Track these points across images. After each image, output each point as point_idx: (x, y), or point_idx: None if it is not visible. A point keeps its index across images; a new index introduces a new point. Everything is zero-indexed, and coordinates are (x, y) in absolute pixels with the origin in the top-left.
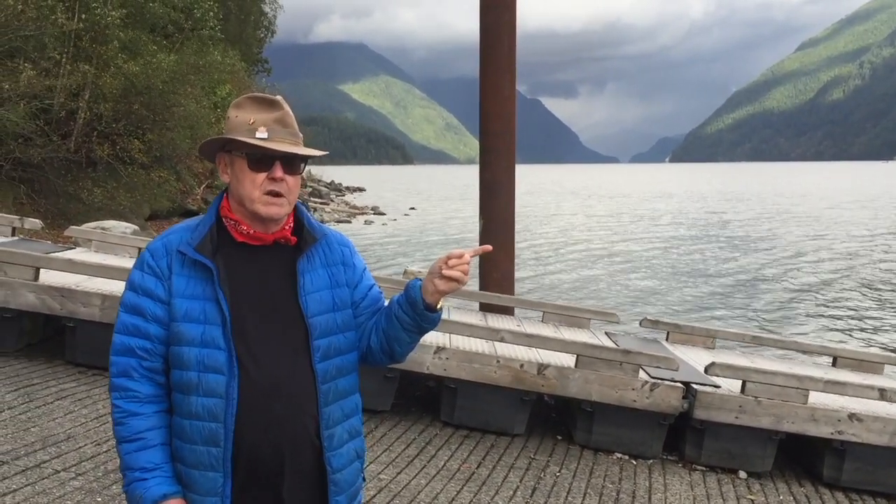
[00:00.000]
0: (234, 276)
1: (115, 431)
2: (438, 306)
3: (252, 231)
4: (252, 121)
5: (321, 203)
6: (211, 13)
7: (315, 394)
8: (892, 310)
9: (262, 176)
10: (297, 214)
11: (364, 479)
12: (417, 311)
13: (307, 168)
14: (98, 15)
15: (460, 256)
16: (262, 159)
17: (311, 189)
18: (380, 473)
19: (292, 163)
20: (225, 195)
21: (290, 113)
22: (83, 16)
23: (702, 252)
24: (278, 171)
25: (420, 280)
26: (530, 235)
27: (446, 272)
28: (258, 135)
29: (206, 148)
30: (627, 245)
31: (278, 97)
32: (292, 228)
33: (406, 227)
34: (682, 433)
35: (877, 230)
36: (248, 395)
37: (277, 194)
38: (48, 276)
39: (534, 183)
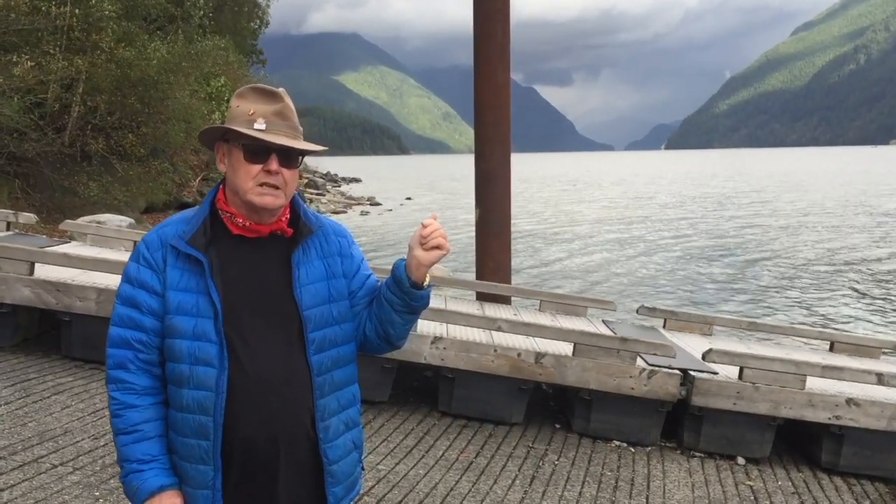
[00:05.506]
0: (228, 269)
1: (112, 423)
2: (426, 283)
3: (248, 223)
4: (252, 111)
5: (317, 194)
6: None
7: (310, 386)
8: (889, 295)
9: (257, 167)
10: (293, 206)
11: (363, 469)
12: (404, 289)
13: (302, 160)
14: (92, 7)
15: (433, 223)
16: (258, 151)
17: (306, 180)
18: (378, 464)
19: (288, 156)
20: (221, 187)
21: (291, 106)
22: (77, 10)
23: (696, 239)
24: (273, 164)
25: (404, 259)
26: (526, 224)
27: (432, 242)
28: (256, 126)
29: (205, 136)
30: (623, 233)
31: (281, 89)
32: (289, 220)
33: (402, 217)
34: (680, 420)
35: (872, 215)
36: (241, 387)
37: (272, 185)
38: (43, 271)
39: (528, 172)
